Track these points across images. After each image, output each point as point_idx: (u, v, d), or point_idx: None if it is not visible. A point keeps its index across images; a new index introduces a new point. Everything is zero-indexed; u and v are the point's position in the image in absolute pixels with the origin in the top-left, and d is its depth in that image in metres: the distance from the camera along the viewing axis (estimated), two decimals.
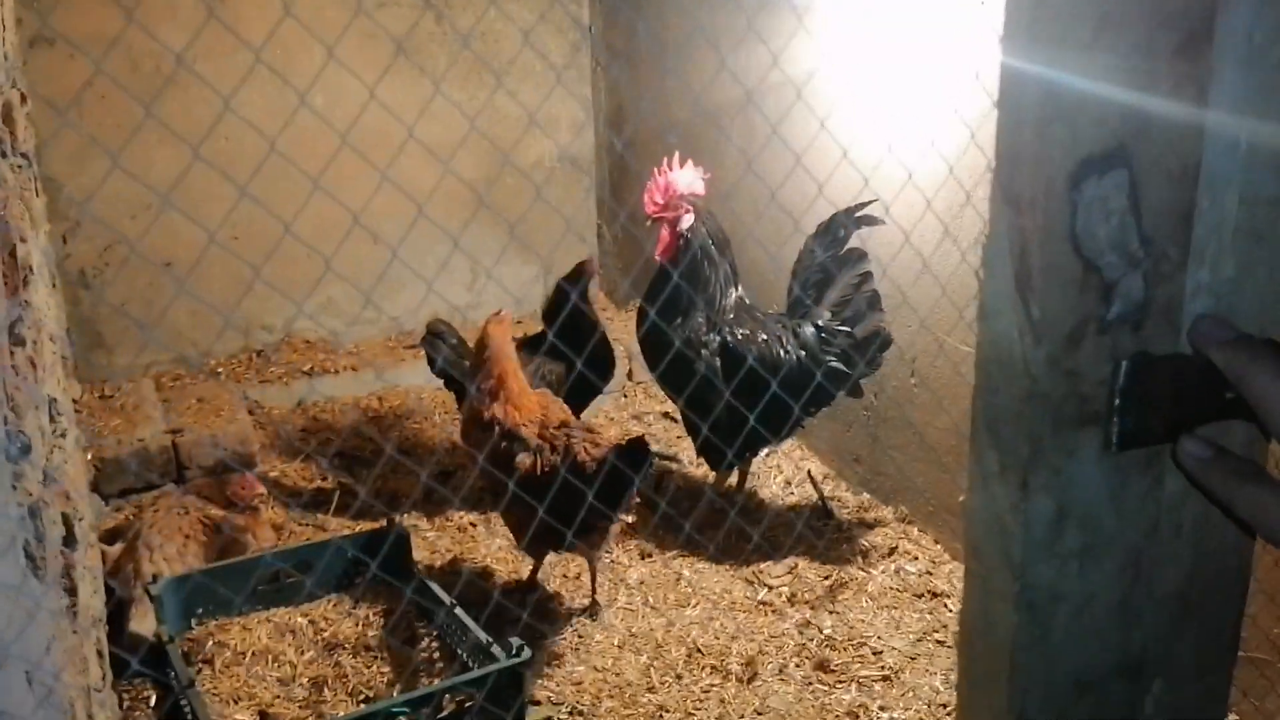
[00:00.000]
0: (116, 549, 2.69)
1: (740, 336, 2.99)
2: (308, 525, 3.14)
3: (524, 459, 2.61)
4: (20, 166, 1.73)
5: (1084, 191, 0.74)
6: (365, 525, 3.05)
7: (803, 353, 2.97)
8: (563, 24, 4.61)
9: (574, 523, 2.25)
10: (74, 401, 2.94)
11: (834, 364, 2.97)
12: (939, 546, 3.01)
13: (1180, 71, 0.74)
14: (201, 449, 3.23)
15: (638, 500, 3.10)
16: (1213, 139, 0.77)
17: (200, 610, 2.53)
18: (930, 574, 2.89)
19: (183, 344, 3.93)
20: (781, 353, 2.98)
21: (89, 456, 3.03)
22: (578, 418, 2.87)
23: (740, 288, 3.09)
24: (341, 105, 3.84)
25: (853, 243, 2.98)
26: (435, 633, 2.55)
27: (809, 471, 3.42)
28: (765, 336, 3.00)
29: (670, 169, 2.99)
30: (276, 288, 4.08)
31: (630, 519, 3.13)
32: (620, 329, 4.14)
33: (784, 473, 3.47)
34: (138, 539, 2.65)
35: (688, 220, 3.00)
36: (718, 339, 3.00)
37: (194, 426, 3.27)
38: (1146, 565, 0.87)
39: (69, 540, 1.50)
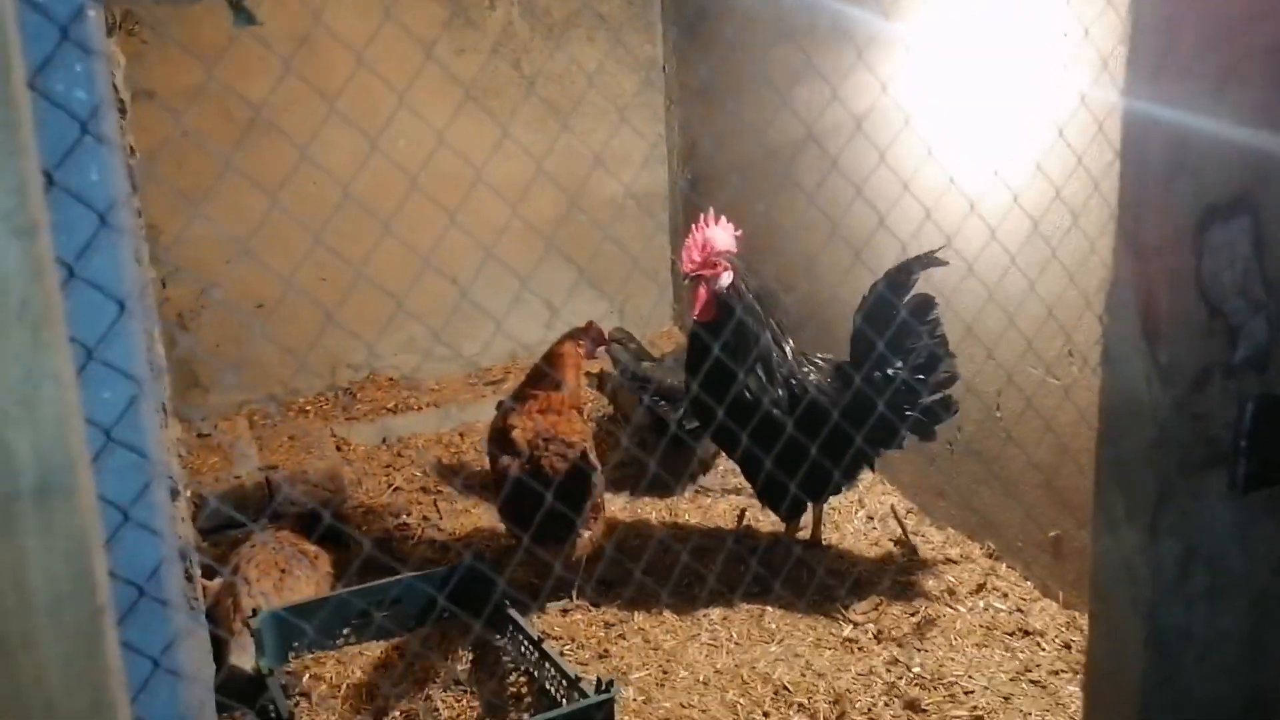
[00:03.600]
0: (215, 584, 2.78)
1: (808, 386, 2.94)
2: (392, 561, 3.20)
3: (505, 461, 2.85)
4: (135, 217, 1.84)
5: (1209, 238, 0.75)
6: (447, 560, 3.10)
7: (874, 399, 2.85)
8: (635, 63, 4.70)
9: (542, 525, 2.56)
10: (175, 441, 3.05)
11: (908, 412, 2.91)
12: (1029, 583, 2.96)
13: None
14: (294, 486, 3.32)
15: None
16: None
17: (297, 644, 2.60)
18: (1021, 611, 2.84)
19: (273, 383, 4.06)
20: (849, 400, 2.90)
21: (188, 494, 3.13)
22: None
23: (790, 340, 3.03)
24: (422, 149, 3.95)
25: (920, 288, 2.91)
26: (523, 667, 2.58)
27: (892, 506, 3.39)
28: (833, 385, 2.96)
29: (707, 225, 2.93)
30: (360, 327, 4.19)
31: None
32: None
33: (866, 508, 3.44)
34: (236, 574, 2.73)
35: (726, 279, 2.90)
36: (783, 391, 2.93)
37: (286, 464, 3.37)
38: (1275, 604, 0.86)
39: (187, 576, 1.56)
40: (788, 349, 3.01)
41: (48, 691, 0.95)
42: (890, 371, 2.92)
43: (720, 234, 2.94)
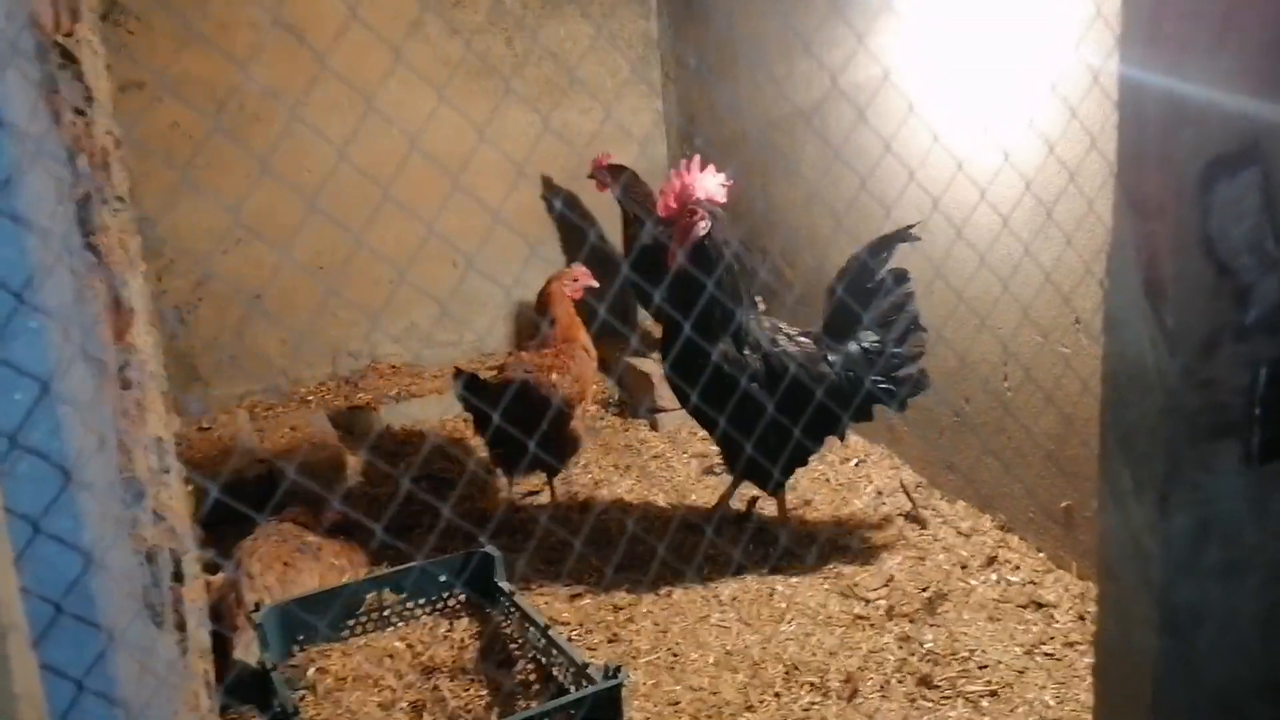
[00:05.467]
0: (218, 579, 2.75)
1: (786, 352, 2.92)
2: (398, 549, 3.18)
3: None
4: (118, 210, 1.78)
5: (1216, 193, 0.71)
6: (454, 547, 3.07)
7: (849, 373, 2.94)
8: (630, 39, 4.63)
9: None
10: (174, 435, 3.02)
11: (884, 385, 2.95)
12: (1042, 555, 2.92)
13: None
14: (295, 477, 3.29)
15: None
16: None
17: (300, 637, 2.57)
18: (1034, 584, 2.80)
19: (273, 373, 4.03)
20: (826, 370, 2.93)
21: (189, 488, 3.11)
22: None
23: (761, 306, 3.02)
24: (416, 131, 3.90)
25: (894, 262, 2.94)
26: (530, 654, 2.55)
27: (901, 480, 3.35)
28: (808, 353, 2.94)
29: (690, 171, 2.83)
30: (359, 316, 4.16)
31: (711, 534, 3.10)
32: None
33: (875, 482, 3.40)
34: (239, 569, 2.70)
35: (703, 226, 2.82)
36: (758, 356, 2.89)
37: (287, 455, 3.34)
38: None
39: (178, 576, 1.53)
40: (759, 313, 2.99)
41: None
42: (868, 344, 2.95)
43: (707, 180, 2.85)
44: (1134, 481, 0.77)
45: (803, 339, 2.99)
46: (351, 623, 2.65)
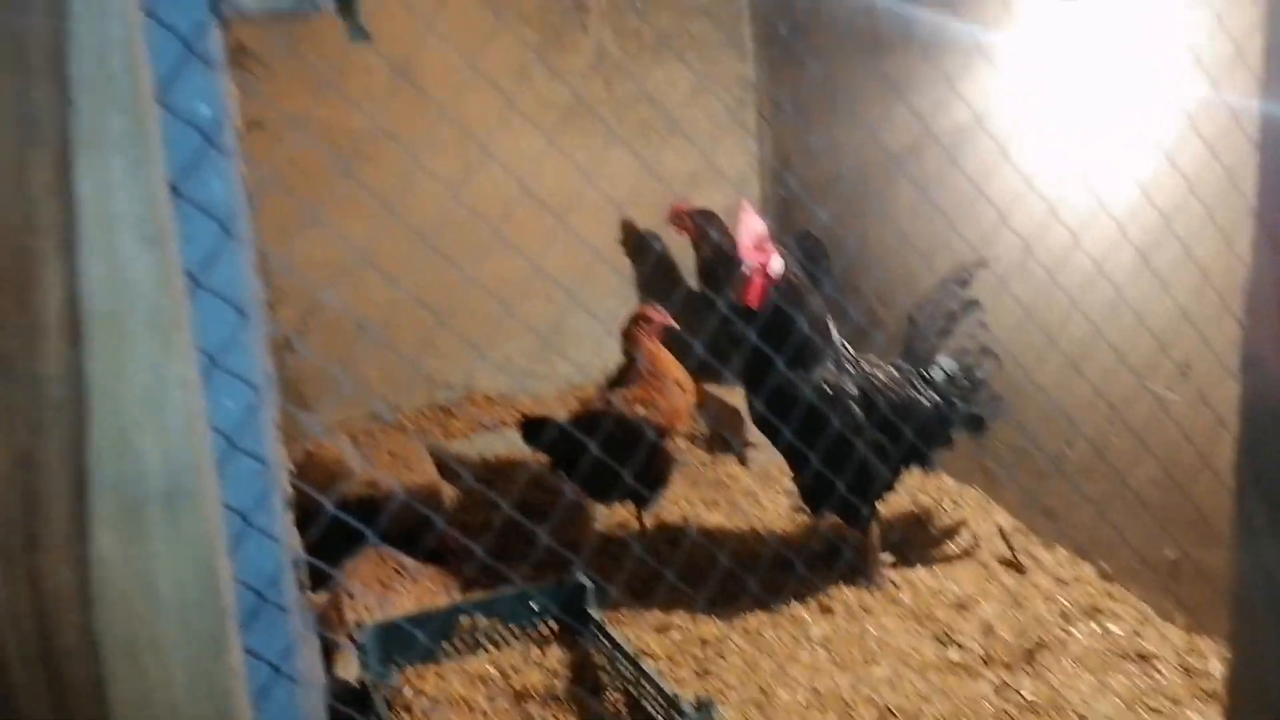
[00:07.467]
0: (321, 597, 2.84)
1: (875, 379, 3.00)
2: (491, 576, 3.23)
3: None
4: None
5: None
6: (545, 576, 3.11)
7: (937, 397, 3.06)
8: (727, 82, 4.71)
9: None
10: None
11: (966, 408, 3.07)
12: (1146, 605, 2.84)
13: None
14: (394, 501, 3.37)
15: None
16: None
17: (399, 657, 2.64)
18: (1138, 635, 2.72)
19: (374, 400, 4.16)
20: (919, 397, 3.03)
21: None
22: None
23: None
24: (519, 172, 4.01)
25: (984, 303, 3.11)
26: (619, 684, 2.57)
27: (998, 525, 3.29)
28: (899, 380, 3.04)
29: (747, 213, 2.90)
30: (458, 347, 4.27)
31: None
32: None
33: (970, 526, 3.35)
34: (340, 587, 2.79)
35: (778, 264, 2.90)
36: (848, 385, 2.95)
37: (387, 479, 3.43)
38: None
39: (300, 585, 1.60)
40: (847, 350, 3.05)
41: (174, 695, 0.96)
42: (948, 370, 3.09)
43: (759, 220, 2.94)
44: (1268, 520, 0.77)
45: (889, 367, 3.08)
46: (446, 645, 2.71)
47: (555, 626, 2.80)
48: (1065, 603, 2.88)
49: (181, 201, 1.01)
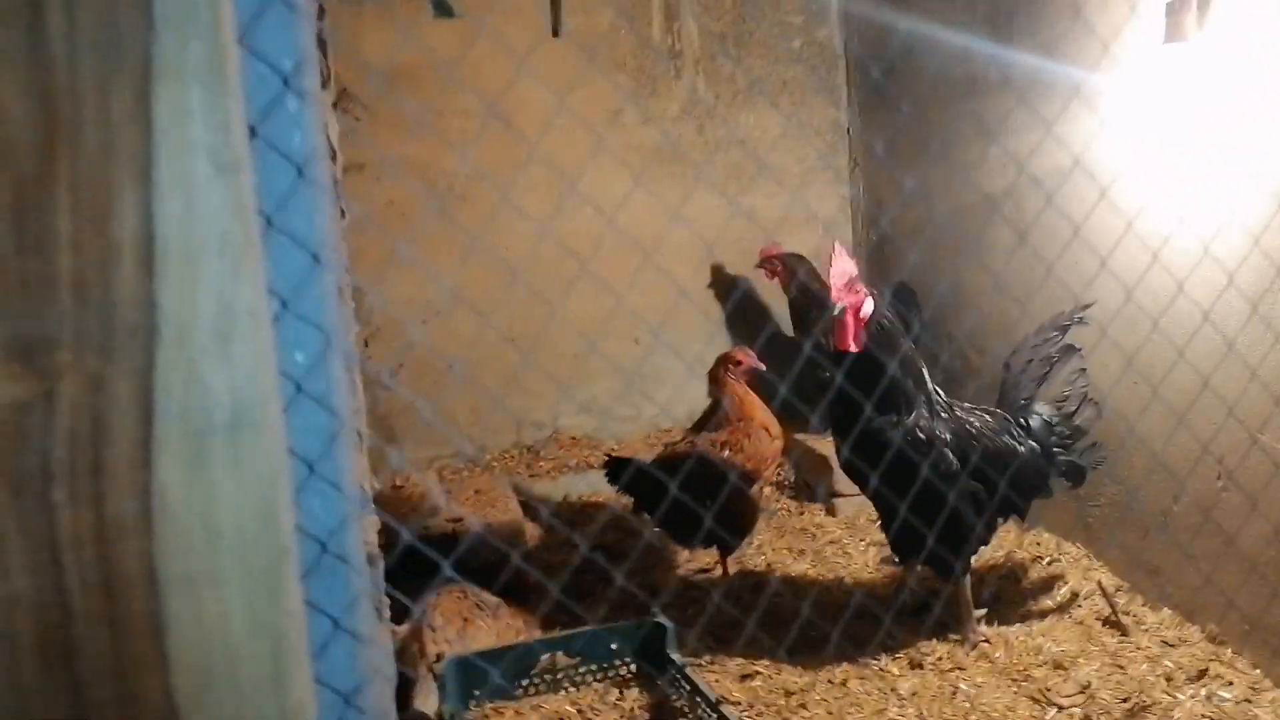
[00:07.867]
0: (403, 629, 2.85)
1: (970, 425, 2.91)
2: (570, 616, 3.21)
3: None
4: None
5: None
6: (624, 618, 3.08)
7: (1035, 445, 2.97)
8: (819, 126, 4.70)
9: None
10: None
11: (1064, 457, 2.98)
12: (1258, 671, 2.66)
13: None
14: (474, 536, 3.39)
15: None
16: None
17: (478, 692, 2.63)
18: (1249, 702, 2.55)
19: (462, 440, 4.21)
20: (1016, 445, 2.94)
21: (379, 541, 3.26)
22: None
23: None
24: (607, 212, 4.06)
25: (1068, 339, 3.02)
26: None
27: (1099, 583, 3.14)
28: (994, 427, 2.95)
29: (838, 254, 2.83)
30: (544, 387, 4.31)
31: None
32: None
33: (1069, 583, 3.21)
34: (422, 620, 2.80)
35: (869, 306, 2.82)
36: (943, 432, 2.86)
37: (471, 516, 3.45)
38: None
39: (375, 608, 1.60)
40: (940, 395, 2.96)
41: (230, 633, 0.94)
42: (1046, 417, 3.01)
43: (851, 261, 2.87)
44: None
45: (983, 413, 2.99)
46: (525, 682, 2.69)
47: (634, 668, 2.76)
48: (1170, 665, 2.72)
49: (258, 143, 0.99)
